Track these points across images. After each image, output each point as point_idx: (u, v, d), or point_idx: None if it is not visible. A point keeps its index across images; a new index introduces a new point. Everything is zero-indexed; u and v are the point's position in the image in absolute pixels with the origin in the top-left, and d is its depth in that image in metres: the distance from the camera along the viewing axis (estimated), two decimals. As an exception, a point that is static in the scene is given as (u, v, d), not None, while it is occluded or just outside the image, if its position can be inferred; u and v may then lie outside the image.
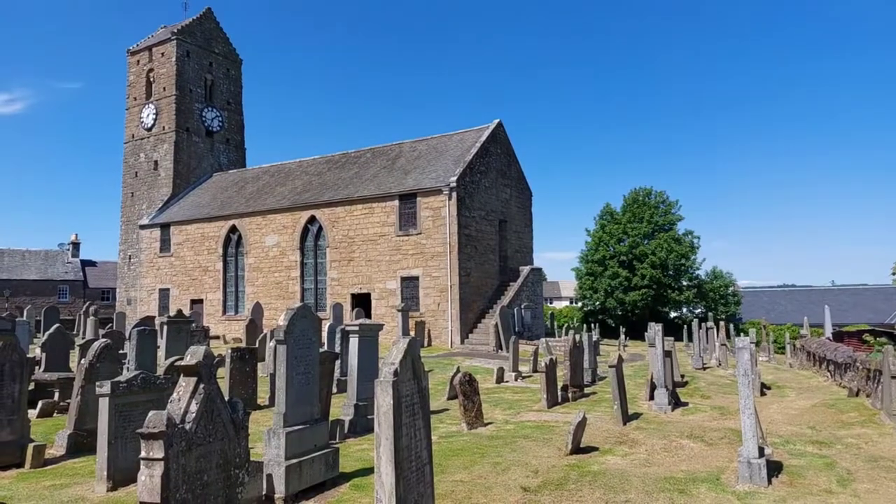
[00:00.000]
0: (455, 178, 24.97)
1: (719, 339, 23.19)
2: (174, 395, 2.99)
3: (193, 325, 18.79)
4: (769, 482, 6.40)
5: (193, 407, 2.91)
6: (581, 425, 8.00)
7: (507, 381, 15.67)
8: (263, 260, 30.40)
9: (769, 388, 14.81)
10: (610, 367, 10.25)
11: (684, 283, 41.84)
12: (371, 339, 10.05)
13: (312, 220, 29.02)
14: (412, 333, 23.47)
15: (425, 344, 24.16)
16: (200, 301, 32.57)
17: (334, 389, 11.16)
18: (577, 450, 7.95)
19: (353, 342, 9.72)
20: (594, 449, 8.14)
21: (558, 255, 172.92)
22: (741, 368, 6.67)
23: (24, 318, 23.23)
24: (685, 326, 31.92)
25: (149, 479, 2.65)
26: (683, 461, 7.58)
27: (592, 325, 35.90)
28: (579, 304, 48.41)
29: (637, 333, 36.81)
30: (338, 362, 12.32)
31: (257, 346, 17.86)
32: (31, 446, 7.28)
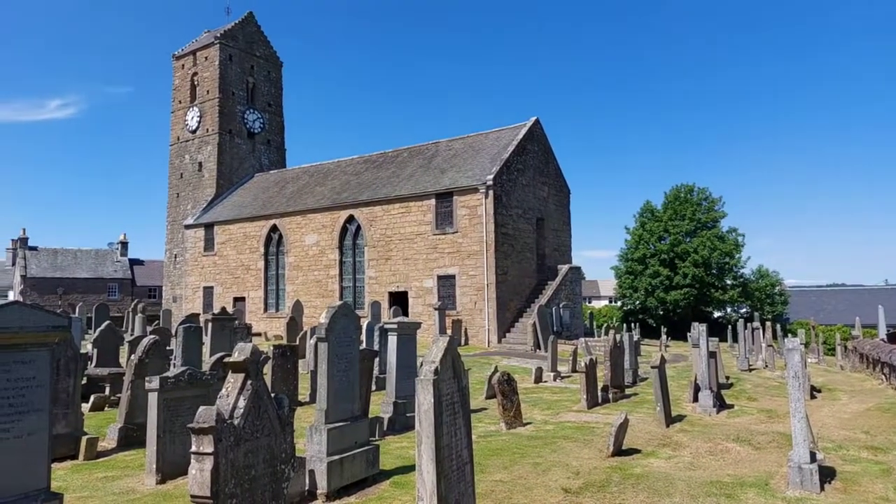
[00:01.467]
0: (492, 177, 24.88)
1: (765, 339, 22.51)
2: (223, 390, 3.06)
3: (236, 322, 19.22)
4: (821, 488, 6.17)
5: (241, 403, 2.96)
6: (623, 427, 7.86)
7: (545, 381, 15.53)
8: (303, 259, 30.88)
9: (819, 391, 14.31)
10: (652, 367, 10.05)
11: (728, 282, 40.75)
12: (409, 337, 10.08)
13: (351, 219, 29.33)
14: (449, 332, 23.50)
15: (462, 343, 24.16)
16: (243, 299, 33.29)
17: (373, 387, 11.25)
18: (619, 452, 7.82)
19: (392, 340, 9.77)
20: (636, 451, 7.99)
21: (597, 254, 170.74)
22: (791, 370, 6.44)
23: (77, 315, 24.14)
24: (729, 327, 31.10)
25: (199, 472, 2.71)
26: (730, 465, 7.38)
27: (632, 325, 35.31)
28: (619, 303, 47.70)
29: (679, 334, 36.03)
30: (376, 360, 12.42)
31: (298, 343, 18.13)
32: (84, 439, 7.55)
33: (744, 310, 40.80)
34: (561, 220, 30.64)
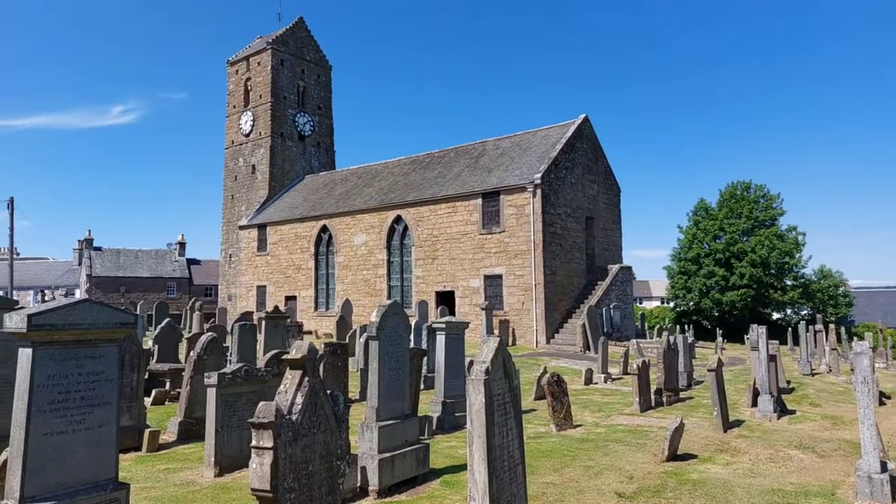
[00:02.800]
0: (539, 175, 24.65)
1: (829, 343, 21.53)
2: (281, 387, 3.12)
3: (288, 320, 19.65)
4: (893, 500, 5.85)
5: (299, 399, 3.02)
6: (678, 431, 7.65)
7: (595, 383, 15.29)
8: (352, 258, 31.34)
9: (888, 398, 13.59)
10: (709, 370, 9.75)
11: (788, 283, 39.16)
12: (457, 336, 10.08)
13: (398, 219, 29.59)
14: (496, 332, 23.41)
15: (510, 343, 24.03)
16: (294, 298, 34.04)
17: (421, 386, 11.31)
18: (674, 456, 7.61)
19: (440, 339, 9.79)
20: (692, 456, 7.77)
21: (649, 253, 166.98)
22: (860, 375, 6.13)
23: (138, 313, 25.18)
24: (790, 329, 29.89)
25: (259, 466, 2.78)
26: (792, 473, 7.09)
27: (686, 327, 34.35)
28: (671, 304, 46.49)
29: (735, 336, 34.89)
30: (424, 359, 12.47)
31: (347, 341, 18.41)
32: (147, 432, 7.86)
33: (805, 312, 39.13)
34: (611, 219, 30.10)
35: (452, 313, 25.17)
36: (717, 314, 38.92)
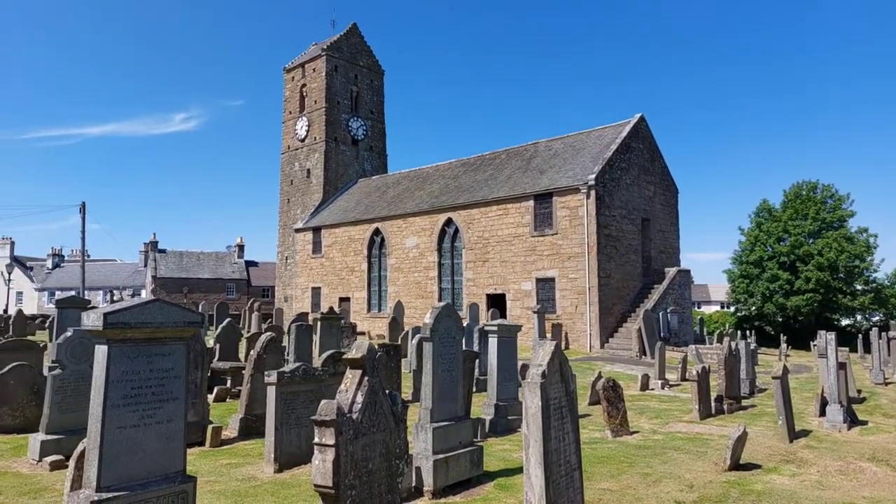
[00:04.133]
0: (593, 176, 24.26)
1: (904, 351, 20.31)
2: (342, 385, 3.19)
3: (343, 321, 20.03)
4: (981, 520, 5.47)
5: (359, 398, 3.07)
6: (741, 439, 7.39)
7: (652, 389, 14.93)
8: (404, 261, 31.64)
9: (973, 411, 12.70)
10: (773, 378, 9.37)
11: (858, 287, 37.24)
12: (510, 339, 10.04)
13: (449, 222, 29.69)
14: (548, 336, 23.16)
15: (563, 347, 23.71)
16: (348, 299, 34.63)
17: (473, 388, 11.30)
18: (737, 466, 7.35)
19: (493, 342, 9.76)
20: (756, 466, 7.48)
21: (708, 256, 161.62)
22: (942, 386, 5.76)
23: (200, 312, 26.12)
24: (860, 336, 28.39)
25: (322, 463, 2.84)
26: (865, 486, 6.72)
27: (748, 333, 33.12)
28: (732, 308, 44.92)
29: (800, 342, 33.40)
30: (476, 362, 12.46)
31: (400, 342, 18.59)
32: (210, 427, 8.15)
33: (877, 318, 37.10)
34: (668, 221, 29.31)
35: (503, 316, 25.05)
36: (780, 320, 37.38)
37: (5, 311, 42.81)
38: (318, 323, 16.30)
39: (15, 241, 66.68)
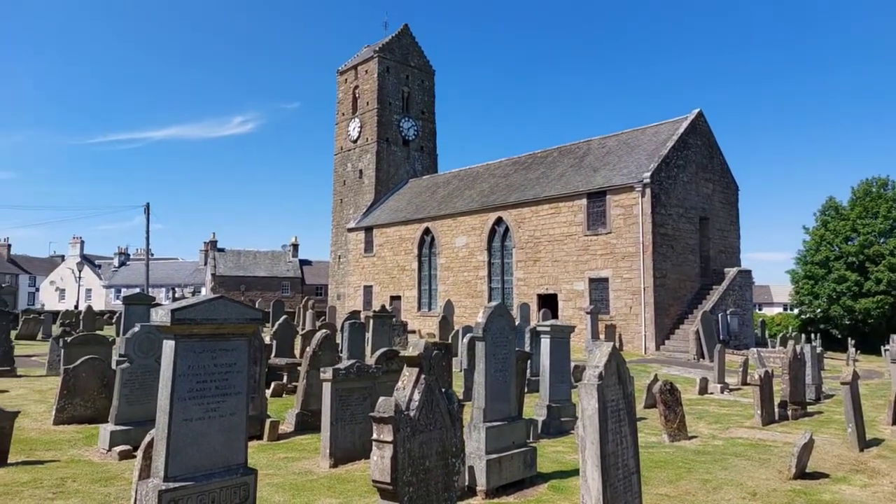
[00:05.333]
0: (649, 174, 23.68)
1: None
2: (399, 383, 3.21)
3: (394, 319, 20.22)
4: None
5: (416, 396, 3.08)
6: (807, 447, 7.06)
7: (711, 393, 14.46)
8: (454, 260, 31.70)
9: None
10: (842, 383, 8.92)
11: (934, 290, 35.00)
12: (563, 340, 9.91)
13: (499, 221, 29.56)
14: (602, 337, 22.76)
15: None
16: (398, 298, 34.97)
17: (525, 389, 11.20)
18: (802, 474, 7.03)
19: (545, 343, 9.65)
20: (823, 475, 7.14)
21: (769, 256, 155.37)
22: None
23: (261, 309, 26.87)
24: (937, 341, 26.69)
25: (380, 459, 2.87)
26: (947, 502, 6.31)
27: (813, 336, 31.66)
28: (795, 311, 43.04)
29: (870, 347, 31.72)
30: (528, 362, 12.35)
31: (450, 341, 18.62)
32: (268, 422, 8.36)
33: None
34: (728, 220, 28.31)
35: (555, 317, 24.76)
36: (848, 323, 35.56)
37: (76, 306, 45.20)
38: (371, 321, 16.49)
39: (84, 240, 70.37)
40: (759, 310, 63.72)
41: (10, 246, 78.44)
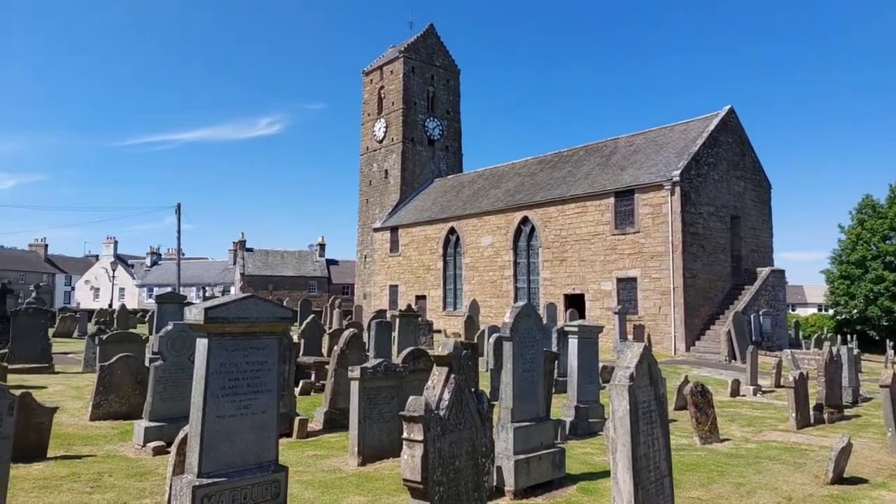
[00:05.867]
0: (678, 172, 23.32)
1: None
2: (429, 382, 3.21)
3: (420, 318, 20.28)
4: None
5: (446, 395, 3.08)
6: (845, 451, 6.87)
7: (743, 395, 14.19)
8: (479, 259, 31.64)
9: None
10: (882, 386, 8.65)
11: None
12: (590, 340, 9.81)
13: (525, 220, 29.42)
14: (630, 337, 22.50)
15: (645, 348, 22.96)
16: (424, 297, 35.05)
17: (553, 389, 11.12)
18: (840, 479, 6.84)
19: (573, 343, 9.57)
20: (862, 481, 6.94)
21: (803, 256, 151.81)
22: None
23: (291, 308, 27.23)
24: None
25: (410, 458, 2.87)
26: None
27: (849, 337, 30.85)
28: (830, 311, 41.98)
29: (910, 349, 30.68)
30: (555, 362, 12.26)
31: (476, 341, 18.60)
32: (297, 419, 8.45)
33: None
34: (760, 218, 27.73)
35: (582, 317, 24.55)
36: (886, 324, 34.55)
37: (110, 305, 46.30)
38: (397, 320, 16.57)
39: (118, 240, 72.10)
40: (793, 310, 62.35)
41: (46, 246, 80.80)
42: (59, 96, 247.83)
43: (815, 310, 63.61)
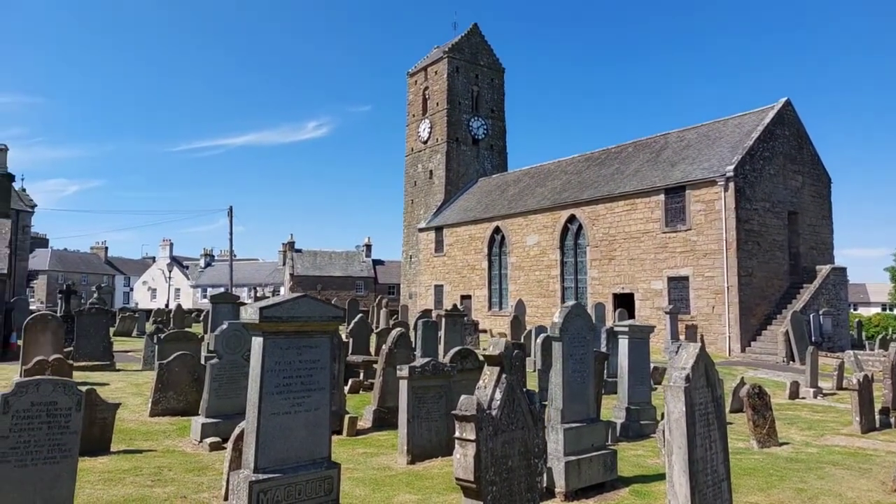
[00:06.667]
0: (732, 167, 22.59)
1: None
2: (480, 382, 3.20)
3: (465, 318, 20.28)
4: None
5: (498, 395, 3.06)
6: (917, 459, 6.51)
7: (802, 398, 13.64)
8: (525, 259, 31.42)
9: None
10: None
11: None
12: (641, 341, 9.61)
13: (572, 218, 29.04)
14: (682, 338, 21.93)
15: (697, 349, 22.33)
16: (469, 297, 35.04)
17: (602, 390, 10.94)
18: (911, 488, 6.49)
19: (623, 343, 9.39)
20: (936, 490, 6.55)
21: (866, 253, 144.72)
22: None
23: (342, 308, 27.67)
24: None
25: (463, 458, 2.87)
26: None
27: (916, 338, 29.25)
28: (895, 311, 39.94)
29: None
30: (605, 363, 12.06)
31: (523, 341, 18.47)
32: (346, 417, 8.57)
33: None
34: (819, 214, 26.59)
35: (631, 316, 24.06)
36: (959, 324, 32.62)
37: (166, 305, 48.04)
38: (443, 320, 16.62)
39: (173, 242, 74.74)
40: (855, 310, 59.53)
41: (107, 248, 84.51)
42: (115, 106, 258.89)
43: (878, 309, 60.58)
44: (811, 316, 22.27)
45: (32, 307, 26.90)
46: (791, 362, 20.33)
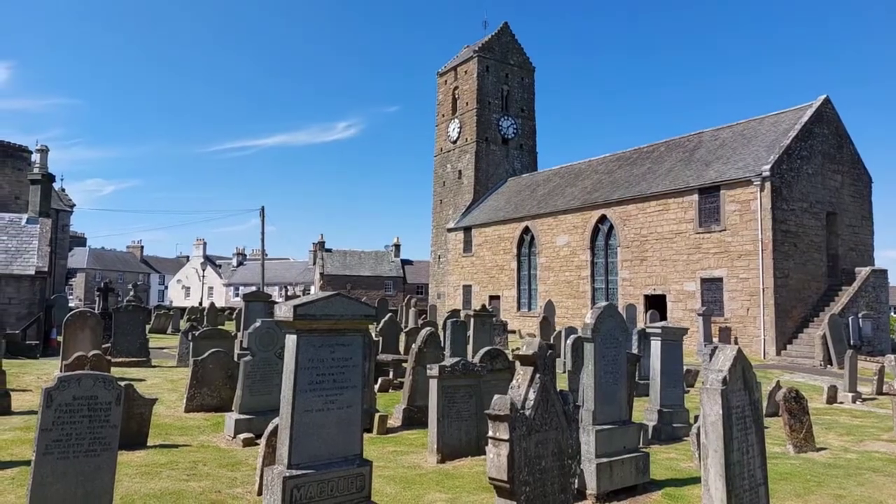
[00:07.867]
0: (768, 167, 22.08)
1: None
2: (514, 381, 3.19)
3: (494, 318, 20.20)
4: None
5: (531, 395, 3.05)
6: (966, 468, 6.27)
7: (840, 402, 13.27)
8: (554, 259, 31.20)
9: None
10: None
11: None
12: (674, 343, 9.46)
13: (603, 219, 28.73)
14: (715, 340, 21.52)
15: (731, 352, 21.87)
16: (497, 297, 34.94)
17: (634, 392, 10.79)
18: (959, 498, 6.25)
19: (655, 345, 9.26)
20: (984, 500, 6.31)
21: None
22: None
23: (374, 306, 27.92)
24: None
25: (496, 457, 2.86)
26: None
27: (963, 343, 28.16)
28: (940, 314, 38.53)
29: None
30: (636, 365, 11.90)
31: (552, 342, 18.34)
32: (377, 416, 8.63)
33: None
34: (859, 214, 25.81)
35: (663, 318, 23.71)
36: None
37: (200, 303, 48.99)
38: (472, 320, 16.59)
39: (206, 241, 76.22)
40: (897, 313, 57.57)
41: (142, 247, 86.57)
42: (150, 108, 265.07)
43: (923, 313, 58.49)
44: (850, 319, 21.64)
45: (71, 304, 27.73)
46: (828, 366, 19.78)
